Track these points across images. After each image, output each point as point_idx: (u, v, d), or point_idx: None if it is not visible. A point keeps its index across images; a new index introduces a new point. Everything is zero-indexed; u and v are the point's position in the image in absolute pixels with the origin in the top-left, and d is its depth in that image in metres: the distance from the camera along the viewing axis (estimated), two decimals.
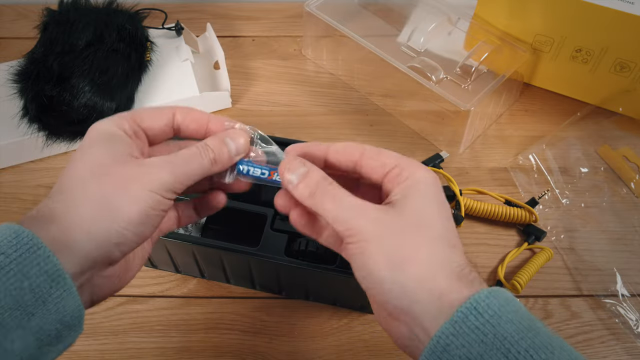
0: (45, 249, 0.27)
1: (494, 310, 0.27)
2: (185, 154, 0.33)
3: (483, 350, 0.26)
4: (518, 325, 0.26)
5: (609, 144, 0.62)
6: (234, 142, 0.35)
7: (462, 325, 0.27)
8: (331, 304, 0.52)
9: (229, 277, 0.52)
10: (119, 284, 0.34)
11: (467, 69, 0.62)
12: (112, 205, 0.30)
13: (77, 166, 0.31)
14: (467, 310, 0.27)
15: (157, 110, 0.35)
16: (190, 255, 0.49)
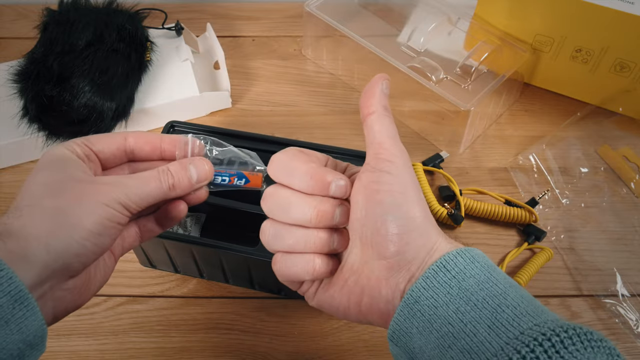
0: (8, 270, 0.27)
1: (460, 268, 0.30)
2: (144, 176, 0.34)
3: (448, 299, 0.29)
4: (478, 279, 0.30)
5: (609, 144, 0.62)
6: (197, 169, 0.36)
7: (432, 280, 0.30)
8: None
9: (227, 277, 0.52)
10: (80, 298, 0.34)
11: (467, 69, 0.62)
12: (69, 218, 0.30)
13: (32, 185, 0.32)
14: (437, 267, 0.30)
15: (109, 135, 0.36)
16: (189, 255, 0.49)
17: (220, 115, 0.67)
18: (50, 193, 0.31)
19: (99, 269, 0.35)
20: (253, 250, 0.46)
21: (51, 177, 0.32)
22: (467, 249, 0.31)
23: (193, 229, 0.51)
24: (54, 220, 0.30)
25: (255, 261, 0.47)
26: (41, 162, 0.33)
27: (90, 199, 0.31)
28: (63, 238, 0.30)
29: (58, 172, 0.32)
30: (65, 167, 0.33)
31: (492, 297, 0.29)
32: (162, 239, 0.47)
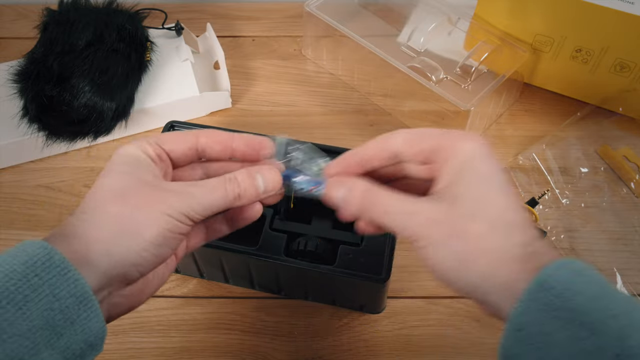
0: (75, 272, 0.28)
1: (563, 286, 0.26)
2: (209, 184, 0.33)
3: (559, 325, 0.25)
4: (588, 295, 0.26)
5: (609, 144, 0.62)
6: (265, 179, 0.34)
7: (531, 303, 0.26)
8: (330, 303, 0.52)
9: (227, 277, 0.52)
10: (135, 302, 0.34)
11: (467, 69, 0.62)
12: (131, 226, 0.30)
13: (101, 188, 0.32)
14: (535, 287, 0.26)
15: (181, 134, 0.36)
16: (189, 256, 0.49)
17: (220, 115, 0.67)
18: (115, 198, 0.31)
19: (157, 273, 0.35)
20: (253, 250, 0.46)
21: (119, 181, 0.32)
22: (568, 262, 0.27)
23: None
24: (116, 227, 0.30)
25: (256, 261, 0.47)
26: (113, 161, 0.33)
27: (153, 208, 0.31)
28: (123, 246, 0.30)
29: (127, 175, 0.32)
30: (135, 170, 0.33)
31: (610, 318, 0.25)
32: None
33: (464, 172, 0.31)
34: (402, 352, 0.49)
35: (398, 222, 0.31)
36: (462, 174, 0.31)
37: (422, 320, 0.51)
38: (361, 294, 0.49)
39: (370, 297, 0.49)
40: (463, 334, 0.50)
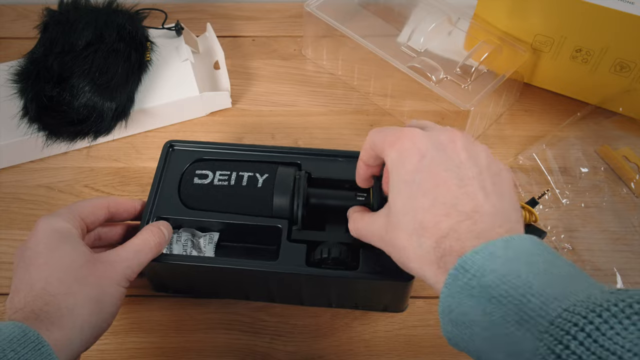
0: (47, 347, 0.32)
1: (478, 265, 0.28)
2: (136, 246, 0.42)
3: (474, 302, 0.28)
4: (500, 272, 0.28)
5: (609, 144, 0.62)
6: (165, 227, 0.46)
7: (454, 286, 0.29)
8: (353, 308, 0.51)
9: (248, 294, 0.52)
10: None
11: (467, 69, 0.62)
12: (99, 307, 0.37)
13: (56, 268, 0.37)
14: (457, 270, 0.29)
15: (95, 206, 0.44)
16: (210, 277, 0.49)
17: (220, 115, 0.67)
18: (79, 281, 0.37)
19: None
20: (274, 264, 0.46)
21: (71, 260, 0.38)
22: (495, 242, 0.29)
23: (207, 249, 0.51)
24: (89, 311, 0.37)
25: (278, 275, 0.46)
26: (46, 236, 0.38)
27: (110, 283, 0.38)
28: (95, 324, 0.37)
29: (74, 253, 0.38)
30: (76, 247, 0.39)
31: (514, 288, 0.27)
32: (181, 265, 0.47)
33: (392, 182, 0.34)
34: (402, 352, 0.49)
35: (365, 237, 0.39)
36: (392, 183, 0.34)
37: (422, 320, 0.51)
38: (386, 295, 0.49)
39: (395, 296, 0.49)
40: None
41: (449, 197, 0.31)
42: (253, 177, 0.48)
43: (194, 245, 0.51)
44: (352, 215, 0.42)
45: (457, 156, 0.33)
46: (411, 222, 0.32)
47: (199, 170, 0.49)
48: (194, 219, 0.50)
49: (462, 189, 0.31)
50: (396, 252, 0.34)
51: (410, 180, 0.32)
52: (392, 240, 0.34)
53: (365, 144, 0.38)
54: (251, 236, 0.51)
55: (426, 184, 0.32)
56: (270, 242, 0.49)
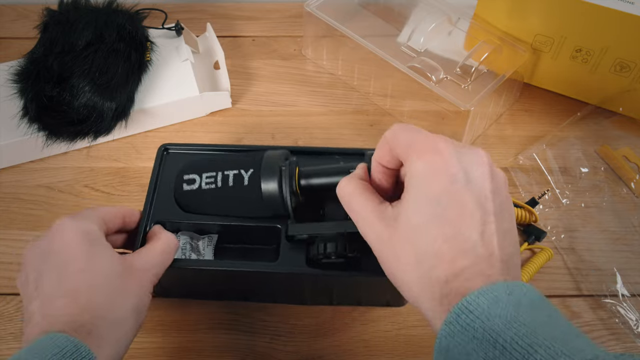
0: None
1: (483, 308, 0.27)
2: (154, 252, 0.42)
3: (476, 345, 0.27)
4: (505, 319, 0.27)
5: (609, 144, 0.62)
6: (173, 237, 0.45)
7: (455, 325, 0.28)
8: (356, 304, 0.51)
9: (249, 296, 0.51)
10: None
11: (467, 69, 0.62)
12: (139, 317, 0.38)
13: (98, 276, 0.36)
14: (460, 310, 0.28)
15: (116, 213, 0.43)
16: (210, 280, 0.49)
17: (220, 115, 0.67)
18: (118, 294, 0.37)
19: None
20: (274, 265, 0.45)
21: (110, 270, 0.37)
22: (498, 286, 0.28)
23: (206, 252, 0.51)
24: (129, 325, 0.37)
25: (279, 275, 0.46)
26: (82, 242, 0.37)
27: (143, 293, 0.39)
28: (132, 336, 0.38)
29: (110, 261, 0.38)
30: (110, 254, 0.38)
31: (521, 337, 0.26)
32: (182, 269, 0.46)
33: (413, 194, 0.31)
34: (402, 352, 0.49)
35: (361, 229, 0.35)
36: (409, 193, 0.32)
37: (422, 320, 0.51)
38: (388, 290, 0.49)
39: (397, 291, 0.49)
40: None
41: (471, 233, 0.30)
42: (238, 175, 0.46)
43: (192, 248, 0.51)
44: (354, 201, 0.35)
45: (485, 187, 0.31)
46: (426, 246, 0.30)
47: (187, 175, 0.48)
48: (192, 222, 0.50)
49: (484, 226, 0.30)
50: (392, 263, 0.32)
51: (435, 200, 0.30)
52: (394, 250, 0.32)
53: (382, 140, 0.35)
54: (250, 237, 0.51)
55: (452, 212, 0.30)
56: (270, 243, 0.49)
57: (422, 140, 0.32)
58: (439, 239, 0.30)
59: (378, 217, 0.33)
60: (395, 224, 0.32)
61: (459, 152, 0.32)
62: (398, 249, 0.31)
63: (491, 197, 0.31)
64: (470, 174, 0.31)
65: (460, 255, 0.29)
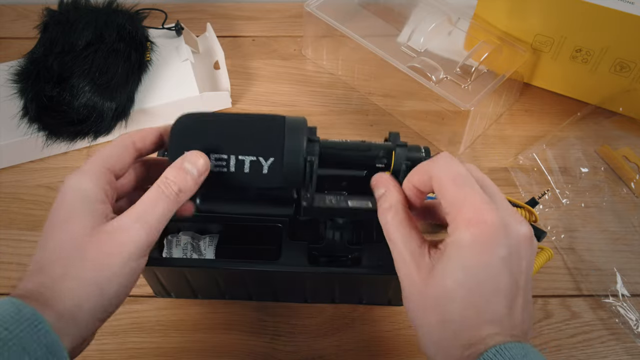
0: (45, 324, 0.29)
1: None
2: (149, 197, 0.33)
3: None
4: None
5: (609, 144, 0.62)
6: (192, 163, 0.35)
7: None
8: (357, 303, 0.51)
9: (251, 295, 0.51)
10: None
11: (467, 69, 0.62)
12: (99, 289, 0.32)
13: (59, 239, 0.32)
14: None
15: (121, 149, 0.36)
16: (212, 280, 0.49)
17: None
18: (79, 254, 0.32)
19: None
20: (276, 264, 0.46)
21: (77, 231, 0.32)
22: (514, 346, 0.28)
23: (207, 252, 0.51)
24: (88, 289, 0.31)
25: (281, 274, 0.46)
26: (65, 201, 0.33)
27: (116, 260, 0.32)
28: (99, 302, 0.32)
29: (82, 222, 0.32)
30: (89, 214, 0.33)
31: None
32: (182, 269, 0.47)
33: (451, 256, 0.31)
34: (402, 352, 0.49)
35: (396, 262, 0.34)
36: (450, 257, 0.31)
37: None
38: (389, 289, 0.49)
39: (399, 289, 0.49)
40: None
41: (501, 307, 0.30)
42: (256, 163, 0.37)
43: (194, 248, 0.51)
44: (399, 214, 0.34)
45: (522, 264, 0.31)
46: (454, 310, 0.30)
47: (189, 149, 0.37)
48: (193, 222, 0.50)
49: (513, 301, 0.30)
50: (417, 311, 0.32)
51: (473, 273, 0.30)
52: (423, 300, 0.31)
53: (424, 170, 0.34)
54: (251, 236, 0.51)
55: (487, 287, 0.30)
56: (271, 242, 0.49)
57: (470, 206, 0.31)
58: (469, 308, 0.30)
59: (415, 262, 0.32)
60: (429, 277, 0.31)
61: (507, 224, 0.31)
62: (426, 301, 0.31)
63: (525, 272, 0.31)
64: (513, 250, 0.31)
65: (487, 324, 0.30)
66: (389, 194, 0.35)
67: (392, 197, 0.35)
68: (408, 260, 0.33)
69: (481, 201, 0.31)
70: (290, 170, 0.38)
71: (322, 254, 0.47)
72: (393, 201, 0.35)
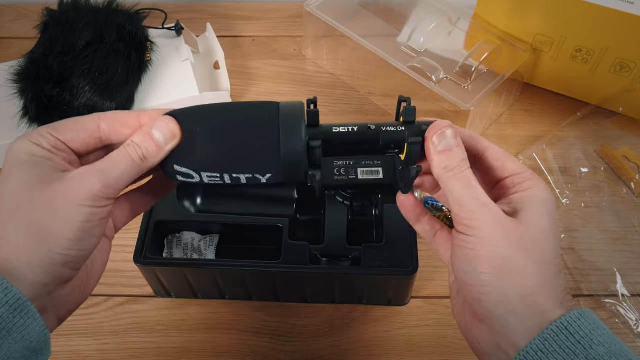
0: (4, 281, 0.27)
1: (585, 332, 0.27)
2: (112, 157, 0.32)
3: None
4: (609, 349, 0.26)
5: (609, 144, 0.62)
6: (161, 130, 0.32)
7: (552, 344, 0.27)
8: (357, 303, 0.52)
9: (251, 294, 0.52)
10: (82, 295, 0.34)
11: (467, 69, 0.62)
12: (45, 232, 0.29)
13: (4, 197, 0.30)
14: (558, 329, 0.27)
15: (79, 120, 0.33)
16: (212, 280, 0.49)
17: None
18: (23, 204, 0.30)
19: (95, 260, 0.35)
20: (276, 264, 0.46)
21: (21, 183, 0.30)
22: (588, 312, 0.28)
23: (208, 252, 0.51)
24: (31, 238, 0.29)
25: (282, 274, 0.46)
26: (8, 161, 0.31)
27: (64, 204, 0.30)
28: (44, 254, 0.29)
29: (28, 174, 0.30)
30: (35, 167, 0.30)
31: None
32: (183, 268, 0.47)
33: (536, 208, 0.32)
34: (402, 352, 0.49)
35: (470, 203, 0.31)
36: (535, 208, 0.32)
37: (422, 320, 0.51)
38: (389, 289, 0.49)
39: (399, 290, 0.50)
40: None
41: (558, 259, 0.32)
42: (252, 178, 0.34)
43: (194, 248, 0.51)
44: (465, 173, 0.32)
45: None
46: (552, 253, 0.31)
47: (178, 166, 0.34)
48: (194, 222, 0.50)
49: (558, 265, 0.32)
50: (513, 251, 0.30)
51: (554, 221, 0.32)
52: (520, 240, 0.30)
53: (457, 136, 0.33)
54: (252, 236, 0.51)
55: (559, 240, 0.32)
56: (271, 242, 0.49)
57: (529, 172, 0.34)
58: (557, 254, 0.31)
59: (497, 207, 0.32)
60: (519, 219, 0.31)
61: None
62: (522, 243, 0.30)
63: None
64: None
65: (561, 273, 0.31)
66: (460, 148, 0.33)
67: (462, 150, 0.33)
68: (492, 206, 0.31)
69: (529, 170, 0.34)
70: (290, 177, 0.35)
71: (323, 254, 0.47)
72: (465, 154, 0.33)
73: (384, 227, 0.48)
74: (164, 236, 0.51)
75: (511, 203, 0.32)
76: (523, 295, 0.29)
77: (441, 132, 0.32)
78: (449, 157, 0.32)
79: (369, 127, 0.35)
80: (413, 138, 0.33)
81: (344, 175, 0.37)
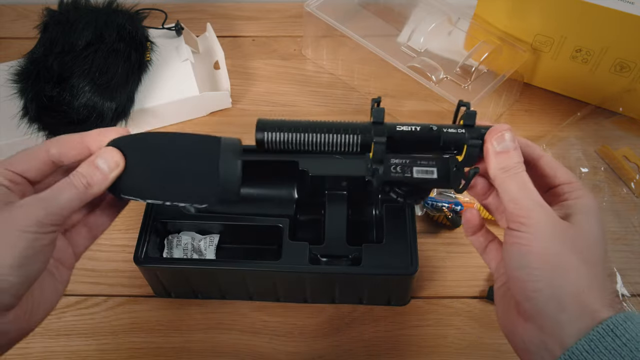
0: None
1: (631, 335, 0.27)
2: (58, 185, 0.33)
3: None
4: None
5: (609, 144, 0.62)
6: (105, 160, 0.34)
7: (597, 344, 0.28)
8: (357, 303, 0.52)
9: (251, 294, 0.52)
10: (29, 325, 0.33)
11: (467, 69, 0.62)
12: None
13: None
14: (604, 331, 0.28)
15: (29, 152, 0.35)
16: (212, 280, 0.49)
17: (220, 116, 0.67)
18: None
19: (45, 288, 0.34)
20: (277, 264, 0.46)
21: None
22: (635, 315, 0.29)
23: (208, 252, 0.51)
24: None
25: (282, 274, 0.46)
26: None
27: (6, 230, 0.30)
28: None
29: None
30: None
31: None
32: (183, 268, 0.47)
33: (588, 215, 0.33)
34: (402, 352, 0.49)
35: (525, 201, 0.33)
36: (587, 215, 0.33)
37: (422, 320, 0.51)
38: (389, 289, 0.49)
39: (399, 290, 0.50)
40: (463, 334, 0.50)
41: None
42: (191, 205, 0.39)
43: (194, 249, 0.51)
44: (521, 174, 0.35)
45: None
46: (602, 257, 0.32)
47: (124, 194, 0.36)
48: (194, 222, 0.50)
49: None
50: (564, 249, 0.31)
51: (603, 231, 0.33)
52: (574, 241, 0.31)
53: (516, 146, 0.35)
54: (252, 236, 0.51)
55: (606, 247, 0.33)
56: (272, 242, 0.49)
57: (580, 182, 0.37)
58: (606, 259, 0.32)
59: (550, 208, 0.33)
60: (572, 222, 0.33)
61: None
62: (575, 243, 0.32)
63: None
64: None
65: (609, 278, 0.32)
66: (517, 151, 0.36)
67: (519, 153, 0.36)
68: (546, 206, 0.33)
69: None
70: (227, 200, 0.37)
71: (323, 254, 0.47)
72: (522, 157, 0.36)
73: (384, 227, 0.48)
74: (164, 236, 0.51)
75: (562, 209, 0.34)
76: (574, 294, 0.30)
77: (500, 134, 0.35)
78: (506, 159, 0.34)
79: (431, 128, 0.38)
80: (473, 140, 0.36)
81: (400, 172, 0.38)
